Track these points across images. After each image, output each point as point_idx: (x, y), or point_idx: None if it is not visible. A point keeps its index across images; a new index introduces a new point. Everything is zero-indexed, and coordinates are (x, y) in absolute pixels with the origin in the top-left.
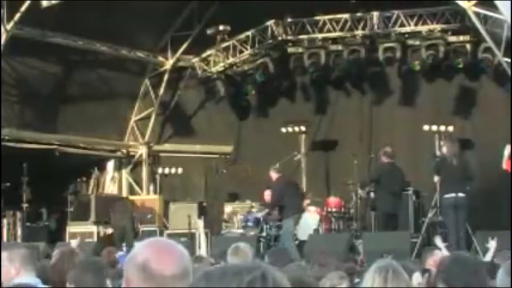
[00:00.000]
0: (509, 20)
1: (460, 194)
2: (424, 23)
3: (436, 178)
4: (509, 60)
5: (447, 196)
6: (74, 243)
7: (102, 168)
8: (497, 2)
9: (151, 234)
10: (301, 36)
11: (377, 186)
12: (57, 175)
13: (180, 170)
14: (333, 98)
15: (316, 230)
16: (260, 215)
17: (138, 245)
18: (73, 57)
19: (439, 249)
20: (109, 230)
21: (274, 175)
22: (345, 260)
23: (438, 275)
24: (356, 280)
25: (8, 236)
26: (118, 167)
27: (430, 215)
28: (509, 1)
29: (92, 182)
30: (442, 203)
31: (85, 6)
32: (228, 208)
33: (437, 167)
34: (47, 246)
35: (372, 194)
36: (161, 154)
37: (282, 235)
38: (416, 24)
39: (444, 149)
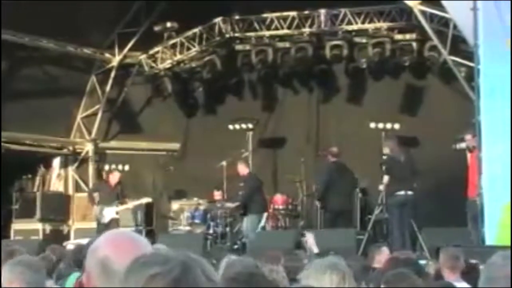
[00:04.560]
0: (454, 18)
1: (409, 192)
2: (371, 21)
3: (385, 178)
4: (454, 58)
5: (396, 194)
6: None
7: (48, 165)
8: (442, 2)
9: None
10: (248, 34)
11: (326, 186)
12: (3, 172)
13: (127, 167)
14: (281, 95)
15: (263, 227)
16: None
17: (100, 238)
18: (19, 53)
19: (385, 246)
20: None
21: (244, 168)
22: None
23: None
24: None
25: None
26: (64, 164)
27: (376, 212)
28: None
29: (38, 179)
30: (390, 201)
31: (32, 2)
32: (175, 205)
33: (387, 168)
34: None
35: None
36: (108, 151)
37: (248, 229)
38: (363, 22)
39: (386, 150)
